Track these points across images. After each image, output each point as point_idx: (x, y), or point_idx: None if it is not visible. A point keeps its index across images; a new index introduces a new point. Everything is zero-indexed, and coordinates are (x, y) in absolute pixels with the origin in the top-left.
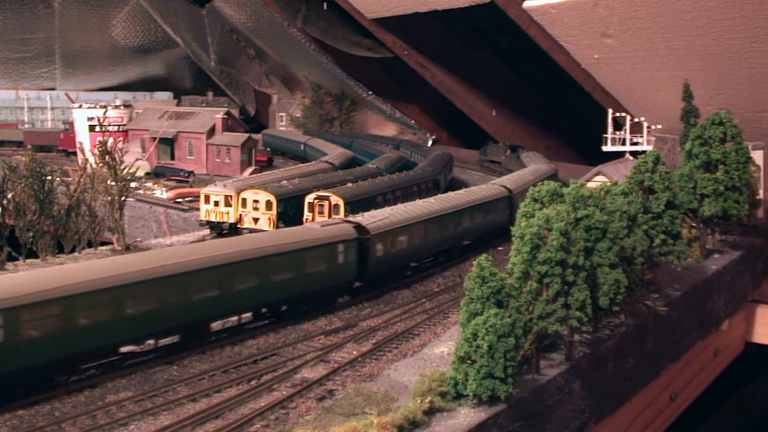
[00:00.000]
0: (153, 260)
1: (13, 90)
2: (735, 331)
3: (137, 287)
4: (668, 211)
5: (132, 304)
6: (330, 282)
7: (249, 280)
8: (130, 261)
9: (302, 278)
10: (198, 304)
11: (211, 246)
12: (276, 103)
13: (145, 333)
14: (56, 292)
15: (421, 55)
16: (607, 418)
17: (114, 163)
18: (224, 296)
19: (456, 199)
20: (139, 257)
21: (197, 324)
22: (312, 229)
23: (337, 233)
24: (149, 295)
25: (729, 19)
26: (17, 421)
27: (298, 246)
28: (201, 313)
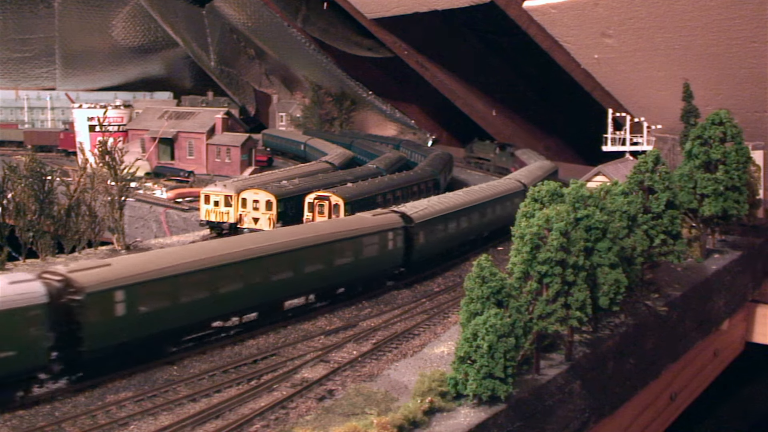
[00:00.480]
0: (240, 245)
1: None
2: (735, 331)
3: (229, 268)
4: (668, 211)
5: (224, 284)
6: (381, 266)
7: (316, 263)
8: (223, 245)
9: (359, 263)
10: (276, 285)
11: (287, 232)
12: (276, 103)
13: (233, 310)
14: (167, 272)
15: (421, 55)
16: (607, 418)
17: (114, 163)
18: (296, 278)
19: (480, 192)
20: (229, 242)
21: (274, 302)
22: (366, 218)
23: (387, 222)
24: (238, 276)
25: (729, 19)
26: (17, 421)
27: (356, 233)
28: (278, 292)
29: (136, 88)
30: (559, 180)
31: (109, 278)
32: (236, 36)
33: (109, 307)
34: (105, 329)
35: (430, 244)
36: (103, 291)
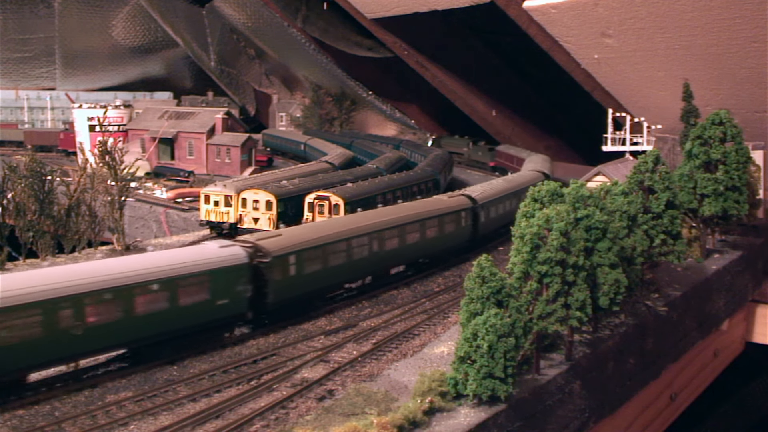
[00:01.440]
0: (367, 219)
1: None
2: (735, 331)
3: (358, 239)
4: (668, 211)
5: (355, 253)
6: (456, 241)
7: (414, 237)
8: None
9: (442, 237)
10: (386, 254)
11: (394, 210)
12: (276, 103)
13: (359, 274)
14: (321, 241)
15: (421, 55)
16: (607, 418)
17: (114, 163)
18: (400, 249)
19: (515, 180)
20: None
21: (385, 269)
22: (443, 200)
23: (461, 203)
24: (364, 246)
25: (729, 19)
26: (17, 421)
27: (441, 212)
28: (387, 261)
29: (136, 88)
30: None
31: (285, 245)
32: (236, 36)
33: (286, 268)
34: (283, 285)
35: (488, 222)
36: (283, 255)
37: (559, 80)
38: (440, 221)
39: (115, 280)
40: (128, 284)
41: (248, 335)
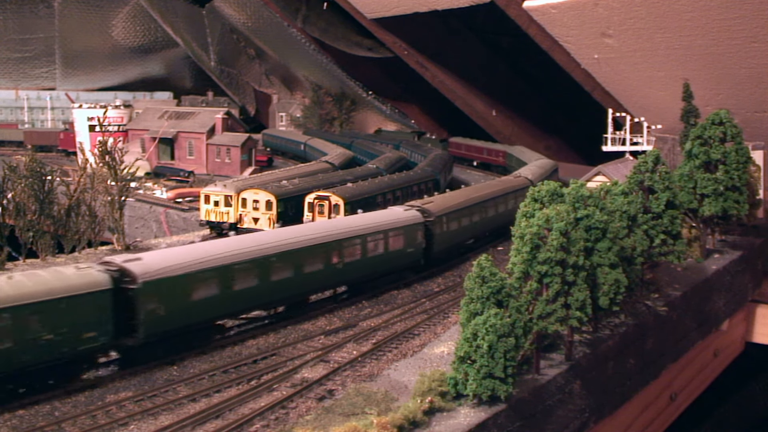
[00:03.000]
0: (461, 196)
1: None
2: (735, 331)
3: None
4: (668, 211)
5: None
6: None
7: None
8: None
9: (499, 216)
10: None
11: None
12: (276, 103)
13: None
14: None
15: (421, 55)
16: (607, 418)
17: (114, 163)
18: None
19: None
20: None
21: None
22: (505, 179)
23: (519, 183)
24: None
25: (729, 19)
26: (17, 421)
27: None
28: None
29: (136, 88)
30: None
31: (440, 208)
32: (236, 36)
33: (442, 224)
34: (441, 240)
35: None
36: (441, 215)
37: (559, 80)
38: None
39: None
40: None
41: (248, 335)
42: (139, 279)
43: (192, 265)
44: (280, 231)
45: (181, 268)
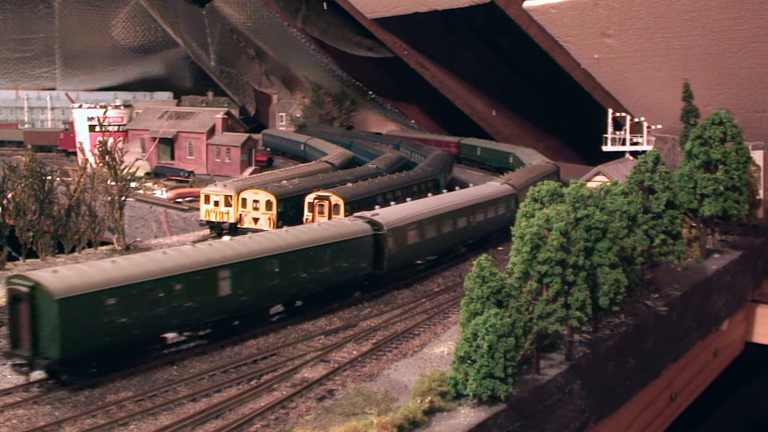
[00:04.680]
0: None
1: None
2: (735, 331)
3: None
4: (668, 211)
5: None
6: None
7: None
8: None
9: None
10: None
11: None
12: (276, 103)
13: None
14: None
15: (421, 55)
16: (607, 418)
17: (114, 163)
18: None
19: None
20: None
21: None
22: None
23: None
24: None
25: (729, 19)
26: (17, 421)
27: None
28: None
29: (136, 88)
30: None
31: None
32: (236, 36)
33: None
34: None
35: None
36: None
37: (559, 80)
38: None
39: (446, 208)
40: (457, 209)
41: (248, 335)
42: (385, 227)
43: (411, 218)
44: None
45: (405, 221)
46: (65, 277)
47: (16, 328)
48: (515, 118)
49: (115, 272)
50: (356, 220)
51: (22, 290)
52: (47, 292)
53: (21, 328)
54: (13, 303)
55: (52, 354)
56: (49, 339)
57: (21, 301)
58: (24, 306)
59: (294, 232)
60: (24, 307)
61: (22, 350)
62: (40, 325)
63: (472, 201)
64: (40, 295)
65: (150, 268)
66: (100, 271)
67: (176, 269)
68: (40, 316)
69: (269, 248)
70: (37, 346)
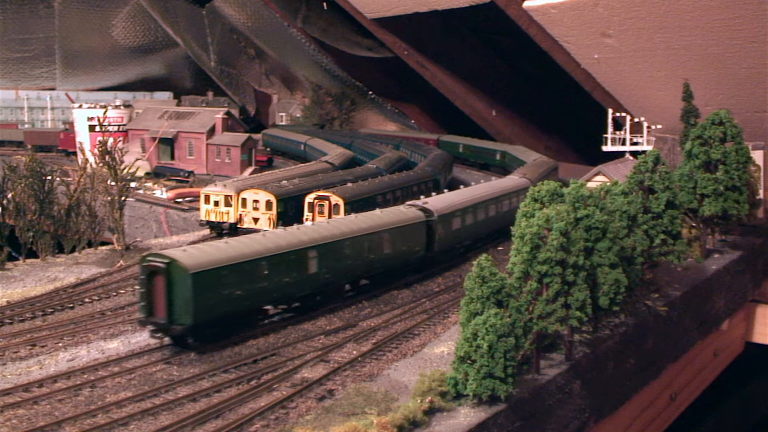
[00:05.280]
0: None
1: (13, 90)
2: (735, 331)
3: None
4: (668, 211)
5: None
6: None
7: None
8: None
9: None
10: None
11: None
12: (276, 103)
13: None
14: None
15: (421, 55)
16: (607, 418)
17: (114, 163)
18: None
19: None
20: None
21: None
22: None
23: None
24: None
25: (729, 19)
26: (17, 421)
27: None
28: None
29: (136, 88)
30: None
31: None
32: (236, 36)
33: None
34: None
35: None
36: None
37: (559, 80)
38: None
39: (479, 198)
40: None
41: (248, 335)
42: (435, 214)
43: (454, 207)
44: None
45: (450, 209)
46: (194, 255)
47: (150, 298)
48: (515, 118)
49: (230, 251)
50: (411, 207)
51: (159, 265)
52: (182, 266)
53: (156, 298)
54: (150, 277)
55: (186, 321)
56: (182, 308)
57: (157, 275)
58: (160, 279)
59: (362, 218)
60: (160, 280)
61: (157, 318)
62: (174, 296)
63: (498, 192)
64: (176, 270)
65: (256, 248)
66: (218, 250)
67: (277, 249)
68: (175, 288)
69: (345, 232)
70: (172, 314)
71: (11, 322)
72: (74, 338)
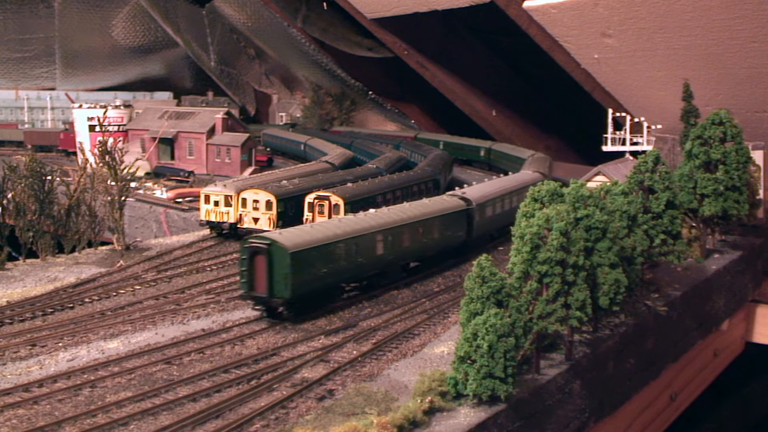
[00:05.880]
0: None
1: (13, 90)
2: (735, 331)
3: None
4: (668, 211)
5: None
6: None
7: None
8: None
9: None
10: None
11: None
12: (276, 103)
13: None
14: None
15: (421, 55)
16: (607, 418)
17: (114, 163)
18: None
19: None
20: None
21: None
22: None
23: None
24: None
25: (729, 19)
26: (17, 420)
27: None
28: None
29: (136, 88)
30: None
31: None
32: (236, 36)
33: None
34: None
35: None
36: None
37: (559, 80)
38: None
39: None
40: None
41: (248, 335)
42: (474, 203)
43: (488, 196)
44: None
45: (485, 198)
46: (290, 237)
47: (251, 275)
48: (515, 118)
49: (317, 234)
50: (453, 197)
51: (261, 246)
52: (282, 247)
53: (257, 275)
54: (251, 256)
55: (285, 294)
56: (281, 283)
57: (258, 255)
58: (261, 258)
59: (416, 206)
60: (261, 259)
61: (258, 293)
62: (275, 273)
63: (520, 185)
64: (276, 250)
65: (336, 231)
66: (307, 233)
67: (353, 233)
68: (275, 266)
69: (404, 218)
70: (272, 289)
71: (11, 322)
72: (74, 338)
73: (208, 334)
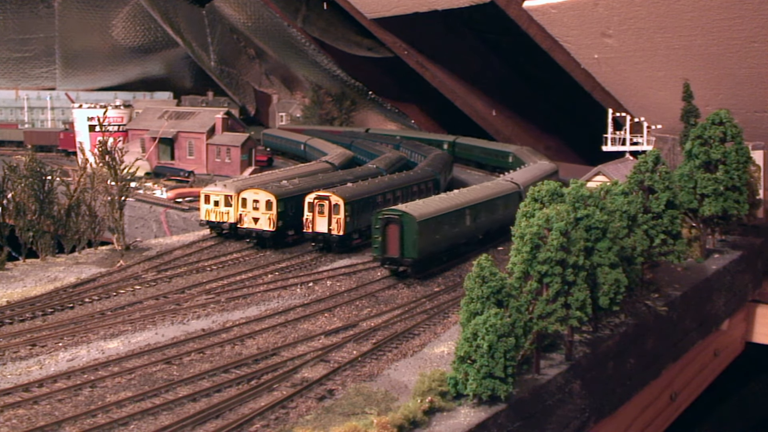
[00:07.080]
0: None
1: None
2: (735, 331)
3: None
4: (668, 211)
5: None
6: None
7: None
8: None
9: None
10: None
11: None
12: (276, 103)
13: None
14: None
15: (421, 55)
16: (607, 417)
17: (114, 163)
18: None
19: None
20: None
21: None
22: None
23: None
24: None
25: (729, 19)
26: (17, 420)
27: None
28: None
29: (136, 88)
30: None
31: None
32: (236, 36)
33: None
34: None
35: None
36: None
37: (559, 80)
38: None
39: (537, 177)
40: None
41: (248, 335)
42: (522, 186)
43: (528, 181)
44: None
45: (528, 182)
46: (416, 209)
47: (385, 241)
48: (515, 118)
49: (432, 207)
50: (506, 181)
51: (394, 216)
52: (412, 216)
53: (390, 241)
54: (385, 225)
55: (413, 256)
56: (411, 246)
57: (391, 224)
58: (393, 227)
59: (486, 187)
60: (394, 227)
61: (390, 255)
62: (405, 238)
63: (542, 174)
64: (407, 219)
65: (444, 205)
66: (427, 206)
67: (455, 206)
68: (406, 232)
69: (481, 197)
70: (403, 252)
71: (11, 322)
72: (74, 338)
73: (208, 334)
